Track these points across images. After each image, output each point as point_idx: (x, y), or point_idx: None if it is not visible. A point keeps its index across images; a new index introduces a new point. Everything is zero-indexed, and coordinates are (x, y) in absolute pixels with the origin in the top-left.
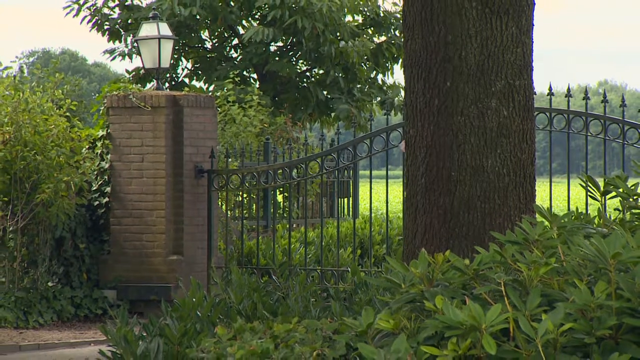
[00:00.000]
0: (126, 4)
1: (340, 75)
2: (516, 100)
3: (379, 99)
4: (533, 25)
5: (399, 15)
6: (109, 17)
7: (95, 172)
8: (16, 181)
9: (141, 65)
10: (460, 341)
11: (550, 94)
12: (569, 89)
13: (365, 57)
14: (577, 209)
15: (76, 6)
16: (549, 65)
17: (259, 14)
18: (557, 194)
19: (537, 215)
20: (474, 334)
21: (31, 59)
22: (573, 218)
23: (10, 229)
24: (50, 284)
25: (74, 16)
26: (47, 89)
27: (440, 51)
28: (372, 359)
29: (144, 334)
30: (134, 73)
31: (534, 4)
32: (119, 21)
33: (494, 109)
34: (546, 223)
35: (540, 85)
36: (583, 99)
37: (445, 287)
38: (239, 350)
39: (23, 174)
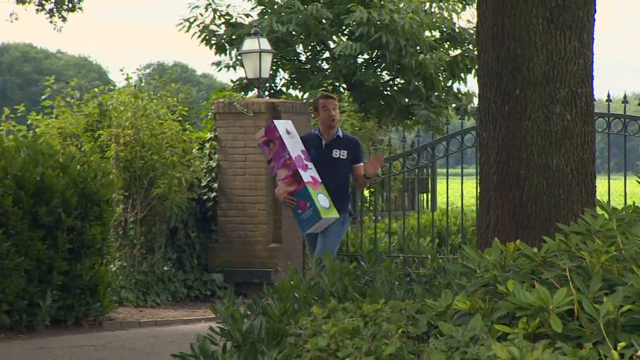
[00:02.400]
0: (231, 21)
1: (419, 84)
2: (578, 106)
3: (454, 105)
4: (593, 39)
5: (472, 31)
6: (216, 33)
7: (204, 170)
8: (135, 178)
9: (244, 76)
10: (529, 320)
11: (609, 100)
12: (625, 96)
13: (442, 68)
14: (633, 203)
15: (187, 23)
16: (608, 75)
17: (347, 30)
18: (615, 190)
19: (597, 209)
20: (542, 314)
21: (147, 71)
22: (630, 211)
23: (131, 219)
24: (165, 268)
25: (185, 32)
26: (162, 96)
27: (510, 62)
28: (451, 336)
29: (249, 313)
30: (237, 82)
31: (594, 20)
32: (224, 37)
33: (558, 114)
34: (606, 216)
35: (599, 92)
36: (638, 105)
37: (515, 272)
38: (333, 327)
39: (141, 172)
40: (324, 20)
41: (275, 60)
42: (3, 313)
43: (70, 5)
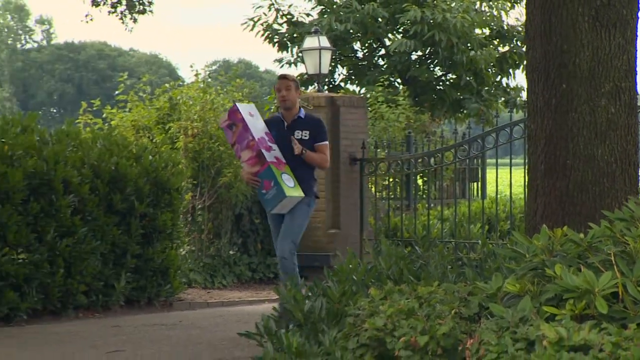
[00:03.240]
0: (292, 20)
1: (470, 79)
2: (622, 99)
3: (503, 99)
4: (637, 36)
5: (520, 29)
6: (278, 31)
7: None
8: (203, 168)
9: (305, 72)
10: (576, 302)
11: None
12: None
13: (492, 64)
14: None
15: (251, 23)
16: None
17: (402, 28)
18: None
19: None
20: (588, 296)
21: (214, 67)
22: None
23: (199, 207)
24: (231, 252)
25: (249, 31)
26: (228, 91)
27: (557, 58)
28: (501, 316)
29: (310, 294)
30: (298, 78)
31: (638, 18)
32: (286, 35)
33: (603, 107)
34: None
35: None
36: None
37: (563, 257)
38: (389, 308)
39: (209, 162)
40: (380, 19)
41: (334, 57)
42: (81, 293)
43: (140, 8)
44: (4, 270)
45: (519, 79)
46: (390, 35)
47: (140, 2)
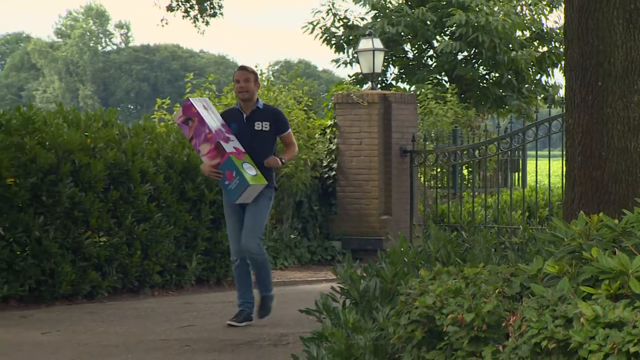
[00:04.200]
0: (348, 24)
1: (512, 77)
2: None
3: (542, 95)
4: None
5: (558, 31)
6: (335, 34)
7: (325, 152)
8: None
9: (360, 71)
10: (611, 283)
11: None
12: None
13: (532, 63)
14: None
15: (311, 26)
16: None
17: (449, 31)
18: None
19: None
20: (622, 277)
21: (276, 67)
22: None
23: None
24: (292, 236)
25: (309, 34)
26: (290, 89)
27: (593, 58)
28: (542, 296)
29: (364, 275)
30: (354, 77)
31: None
32: (342, 37)
33: (636, 102)
34: None
35: None
36: None
37: (599, 241)
38: (438, 287)
39: None
40: (428, 22)
41: (386, 57)
42: (156, 273)
43: (212, 12)
44: (87, 252)
45: (557, 77)
46: (438, 37)
47: (211, 6)
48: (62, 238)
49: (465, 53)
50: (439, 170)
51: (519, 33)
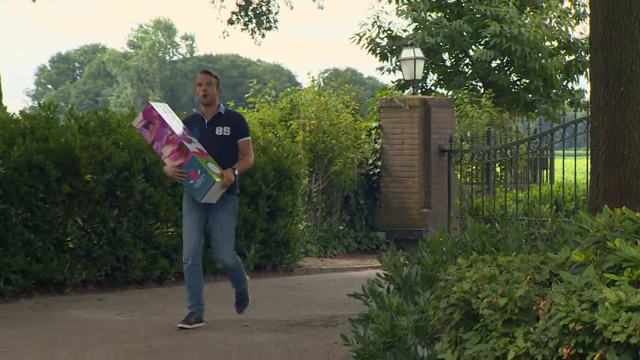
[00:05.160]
0: (392, 35)
1: (541, 83)
2: None
3: (568, 100)
4: None
5: (584, 41)
6: (380, 44)
7: (371, 151)
8: (317, 158)
9: (402, 78)
10: (633, 270)
11: None
12: None
13: (559, 71)
14: None
15: (358, 37)
16: None
17: (483, 41)
18: None
19: None
20: None
21: (326, 74)
22: None
23: (314, 190)
24: (340, 227)
25: (356, 44)
26: (339, 94)
27: (616, 65)
28: (569, 282)
29: (407, 263)
30: (396, 83)
31: None
32: (386, 47)
33: None
34: None
35: None
36: None
37: (621, 232)
38: (474, 274)
39: (322, 153)
40: (465, 33)
41: (426, 65)
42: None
43: (268, 25)
44: (157, 241)
45: (582, 83)
46: (473, 46)
47: (267, 20)
48: (134, 228)
49: (499, 61)
50: (474, 167)
51: (547, 43)
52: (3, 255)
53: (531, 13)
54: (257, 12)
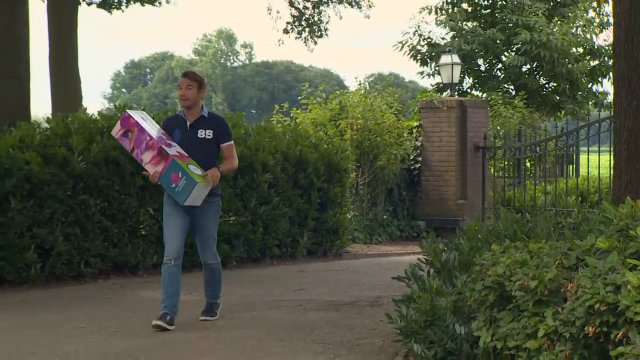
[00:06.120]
0: (431, 43)
1: (567, 86)
2: None
3: (593, 101)
4: None
5: (607, 47)
6: (420, 51)
7: (412, 148)
8: (364, 154)
9: (440, 81)
10: None
11: None
12: None
13: (584, 74)
14: None
15: (400, 45)
16: None
17: (515, 47)
18: None
19: None
20: None
21: (371, 78)
22: None
23: (361, 183)
24: (384, 216)
25: (398, 51)
26: (383, 96)
27: (637, 69)
28: (594, 266)
29: (445, 249)
30: (435, 86)
31: None
32: (426, 54)
33: None
34: None
35: None
36: None
37: None
38: (507, 259)
39: (368, 149)
40: (498, 41)
41: (462, 70)
42: (274, 246)
43: (319, 34)
44: (220, 229)
45: (605, 86)
46: (505, 53)
47: (319, 29)
48: None
49: (529, 66)
50: (506, 163)
51: (574, 49)
52: (83, 240)
53: (559, 22)
54: (310, 22)
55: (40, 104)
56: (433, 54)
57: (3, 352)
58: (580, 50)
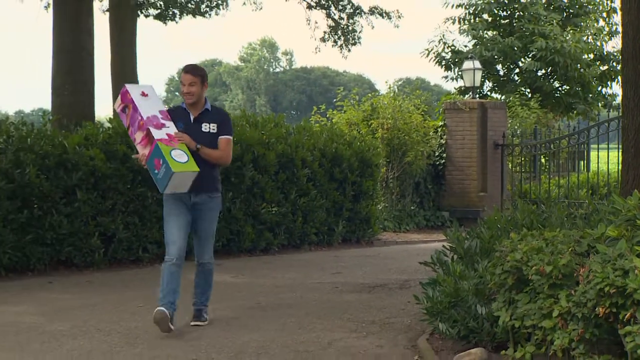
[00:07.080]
0: (455, 50)
1: (579, 89)
2: None
3: (602, 103)
4: None
5: (616, 54)
6: (445, 57)
7: (437, 145)
8: (393, 151)
9: (463, 85)
10: None
11: None
12: None
13: (595, 78)
14: None
15: (426, 52)
16: None
17: (531, 54)
18: None
19: None
20: None
21: (400, 82)
22: None
23: (390, 177)
24: (412, 207)
25: (425, 57)
26: (411, 99)
27: None
28: (605, 253)
29: (468, 237)
30: (458, 89)
31: None
32: (450, 60)
33: None
34: None
35: None
36: None
37: None
38: (525, 246)
39: (397, 146)
40: (515, 48)
41: (483, 74)
42: (312, 234)
43: (353, 42)
44: (263, 218)
45: (614, 88)
46: (522, 59)
47: (353, 37)
48: (245, 208)
49: (544, 71)
50: (523, 159)
51: (585, 55)
52: (141, 228)
53: (572, 31)
54: (345, 31)
55: (103, 106)
56: (456, 60)
57: (71, 327)
58: (591, 56)
